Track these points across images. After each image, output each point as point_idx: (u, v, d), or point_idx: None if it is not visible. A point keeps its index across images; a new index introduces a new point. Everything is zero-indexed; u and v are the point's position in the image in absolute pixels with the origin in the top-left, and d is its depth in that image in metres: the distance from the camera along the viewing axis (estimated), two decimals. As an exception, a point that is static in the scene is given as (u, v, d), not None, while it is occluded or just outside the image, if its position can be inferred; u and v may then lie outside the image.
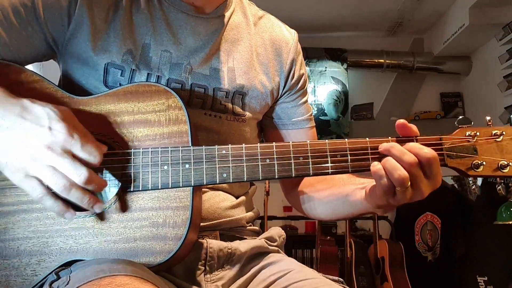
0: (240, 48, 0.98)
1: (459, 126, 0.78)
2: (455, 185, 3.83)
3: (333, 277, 0.88)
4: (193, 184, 0.77)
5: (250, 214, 0.99)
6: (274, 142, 0.79)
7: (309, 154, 0.77)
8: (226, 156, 0.77)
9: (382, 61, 4.57)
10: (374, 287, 3.09)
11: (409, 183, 0.71)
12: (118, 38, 0.87)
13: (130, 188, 0.77)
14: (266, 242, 0.95)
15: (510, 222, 2.43)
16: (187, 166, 0.77)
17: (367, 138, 0.78)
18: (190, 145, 0.78)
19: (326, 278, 0.87)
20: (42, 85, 0.82)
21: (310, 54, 4.57)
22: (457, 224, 3.25)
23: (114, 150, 0.79)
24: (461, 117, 0.79)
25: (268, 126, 1.07)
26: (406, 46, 4.74)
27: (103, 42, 0.87)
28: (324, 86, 4.68)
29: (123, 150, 0.79)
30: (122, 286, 0.63)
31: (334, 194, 0.91)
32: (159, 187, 0.77)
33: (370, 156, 0.77)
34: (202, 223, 0.86)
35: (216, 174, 0.77)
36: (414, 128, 0.77)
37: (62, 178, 0.69)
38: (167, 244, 0.75)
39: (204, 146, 0.78)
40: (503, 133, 0.76)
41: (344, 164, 0.77)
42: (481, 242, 2.87)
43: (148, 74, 0.88)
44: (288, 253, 0.99)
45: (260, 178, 0.77)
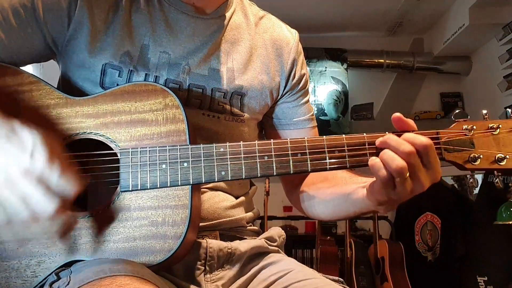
0: (240, 48, 0.97)
1: (456, 120, 0.78)
2: (455, 185, 3.83)
3: (333, 277, 0.88)
4: (191, 182, 0.77)
5: (250, 214, 0.99)
6: (271, 140, 0.79)
7: (307, 151, 0.77)
8: (224, 154, 0.77)
9: (382, 61, 4.57)
10: (374, 287, 3.09)
11: (407, 174, 0.70)
12: (117, 39, 0.87)
13: (128, 187, 0.77)
14: (266, 242, 0.95)
15: (510, 222, 2.43)
16: (186, 164, 0.77)
17: (365, 134, 0.78)
18: (188, 143, 0.78)
19: (326, 278, 0.87)
20: (39, 86, 0.82)
21: (310, 54, 4.56)
22: (457, 224, 3.24)
23: (112, 150, 0.79)
24: (457, 111, 0.80)
25: (269, 126, 1.07)
26: (406, 46, 4.74)
27: (102, 43, 0.86)
28: (324, 86, 4.68)
29: (121, 149, 0.79)
30: (122, 287, 0.63)
31: (336, 193, 0.91)
32: (158, 186, 0.77)
33: (368, 151, 0.77)
34: (202, 223, 0.86)
35: (214, 172, 0.77)
36: (411, 122, 0.77)
37: (26, 211, 0.66)
38: (167, 242, 0.75)
39: (202, 144, 0.78)
40: (500, 126, 0.77)
41: (342, 159, 0.77)
42: (481, 242, 2.87)
43: (146, 74, 0.88)
44: (288, 253, 0.99)
45: (258, 175, 0.77)
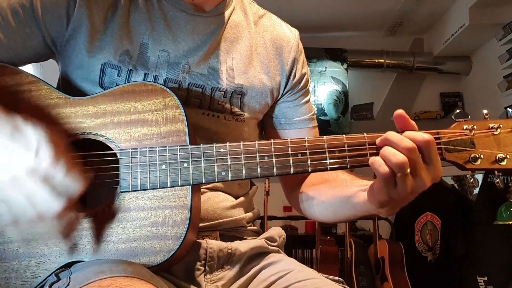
0: (239, 47, 0.97)
1: (456, 120, 0.78)
2: (455, 185, 3.83)
3: (333, 277, 0.88)
4: (191, 182, 0.76)
5: (250, 214, 0.99)
6: (272, 140, 0.78)
7: (307, 151, 0.77)
8: (224, 154, 0.77)
9: (382, 61, 4.57)
10: (374, 287, 3.09)
11: (408, 169, 0.70)
12: (115, 38, 0.87)
13: (128, 188, 0.77)
14: (266, 242, 0.95)
15: (510, 222, 2.43)
16: (186, 165, 0.77)
17: (365, 134, 0.77)
18: (188, 144, 0.78)
19: (326, 278, 0.87)
20: (38, 86, 0.82)
21: (310, 54, 4.56)
22: (457, 224, 3.24)
23: (112, 150, 0.79)
24: (458, 111, 0.79)
25: (269, 126, 1.06)
26: (406, 46, 4.74)
27: (101, 43, 0.86)
28: (324, 86, 4.68)
29: (121, 150, 0.79)
30: (122, 287, 0.63)
31: (336, 196, 0.90)
32: (158, 187, 0.77)
33: (369, 151, 0.76)
34: (202, 224, 0.86)
35: (214, 172, 0.77)
36: (412, 122, 0.76)
37: (32, 209, 0.67)
38: (167, 243, 0.75)
39: (202, 145, 0.78)
40: (500, 126, 0.76)
41: (342, 160, 0.76)
42: (481, 242, 2.87)
43: (145, 74, 0.88)
44: (288, 253, 0.99)
45: (259, 175, 0.77)
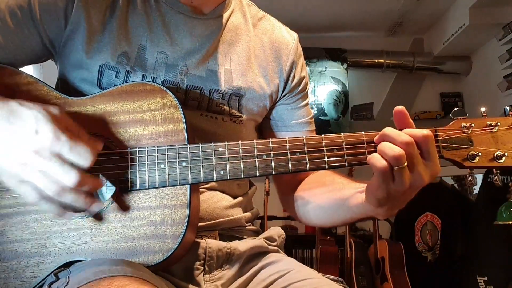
0: (238, 49, 0.97)
1: (454, 118, 0.78)
2: (455, 185, 3.83)
3: (332, 276, 0.88)
4: (190, 182, 0.77)
5: (249, 214, 0.99)
6: (270, 139, 0.78)
7: (305, 149, 0.77)
8: (223, 153, 0.77)
9: (382, 61, 4.57)
10: (374, 287, 3.09)
11: (405, 163, 0.69)
12: (113, 40, 0.87)
13: (127, 187, 0.77)
14: (266, 242, 0.95)
15: (510, 222, 2.43)
16: (184, 164, 0.77)
17: (363, 132, 0.77)
18: (186, 143, 0.78)
19: (326, 278, 0.87)
20: (36, 87, 0.82)
21: (310, 54, 4.56)
22: (457, 224, 3.24)
23: (111, 149, 0.79)
24: (456, 108, 0.79)
25: (267, 128, 1.06)
26: (406, 46, 4.74)
27: (99, 44, 0.86)
28: (324, 86, 4.68)
29: (119, 149, 0.79)
30: (121, 287, 0.63)
31: (333, 198, 0.89)
32: (157, 186, 0.77)
33: (367, 149, 0.76)
34: (201, 223, 0.86)
35: (213, 171, 0.77)
36: (411, 120, 0.76)
37: (53, 183, 0.68)
38: (166, 242, 0.75)
39: (200, 144, 0.78)
40: (498, 123, 0.76)
41: (340, 158, 0.77)
42: (481, 242, 2.86)
43: (143, 75, 0.88)
44: (288, 253, 0.99)
45: (257, 174, 0.77)
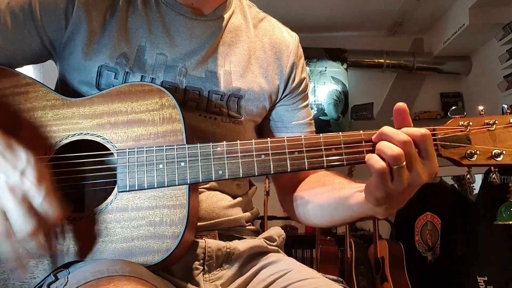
0: (238, 51, 0.97)
1: (452, 116, 0.78)
2: (455, 185, 3.83)
3: (332, 276, 0.88)
4: (189, 182, 0.77)
5: (249, 214, 0.99)
6: (268, 138, 0.78)
7: (303, 149, 0.77)
8: (221, 153, 0.77)
9: (382, 61, 4.57)
10: (374, 287, 3.09)
11: (404, 162, 0.70)
12: (113, 41, 0.87)
13: (126, 188, 0.77)
14: (266, 242, 0.95)
15: (510, 222, 2.43)
16: (183, 164, 0.77)
17: (361, 131, 0.77)
18: (185, 143, 0.78)
19: (326, 278, 0.87)
20: (34, 88, 0.83)
21: (310, 54, 4.55)
22: (457, 224, 3.24)
23: (109, 150, 0.79)
24: (454, 107, 0.80)
25: (266, 129, 1.06)
26: (406, 46, 4.73)
27: (98, 45, 0.86)
28: (324, 86, 4.67)
29: (118, 150, 0.79)
30: (120, 287, 0.63)
31: (332, 197, 0.89)
32: (155, 186, 0.77)
33: (365, 148, 0.76)
34: (200, 223, 0.86)
35: (211, 171, 0.77)
36: (410, 120, 0.76)
37: (2, 225, 0.67)
38: (165, 242, 0.75)
39: (199, 144, 0.78)
40: (496, 122, 0.76)
41: (339, 157, 0.77)
42: (481, 242, 2.86)
43: (142, 76, 0.88)
44: (288, 253, 0.99)
45: (256, 174, 0.77)
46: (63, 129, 0.80)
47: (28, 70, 0.87)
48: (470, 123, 0.77)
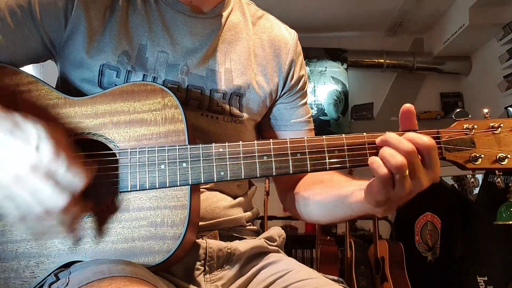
0: (237, 48, 0.97)
1: (457, 119, 0.77)
2: (455, 185, 3.83)
3: (333, 277, 0.88)
4: (190, 182, 0.76)
5: (249, 213, 0.99)
6: (271, 139, 0.78)
7: (306, 150, 0.76)
8: (223, 154, 0.77)
9: (382, 61, 4.57)
10: (374, 287, 3.09)
11: (407, 171, 0.69)
12: (114, 39, 0.87)
13: (127, 188, 0.77)
14: (266, 242, 0.95)
15: (510, 222, 2.43)
16: (184, 164, 0.77)
17: (364, 133, 0.76)
18: (187, 143, 0.78)
19: (326, 278, 0.87)
20: (37, 86, 0.82)
21: (310, 54, 4.56)
22: (457, 224, 3.24)
23: (111, 150, 0.79)
24: (458, 110, 0.78)
25: (266, 127, 1.06)
26: (406, 46, 4.74)
27: (99, 44, 0.86)
28: (324, 86, 4.68)
29: (120, 150, 0.79)
30: (121, 288, 0.63)
31: (332, 196, 0.89)
32: (157, 187, 0.77)
33: (368, 151, 0.75)
34: (201, 223, 0.86)
35: (213, 172, 0.76)
36: (415, 121, 0.76)
37: (40, 205, 0.67)
38: (166, 243, 0.75)
39: (201, 145, 0.78)
40: (501, 125, 0.76)
41: (342, 159, 0.76)
42: (481, 242, 2.86)
43: (144, 75, 0.88)
44: (288, 253, 0.99)
45: (258, 175, 0.77)
46: (65, 128, 0.80)
47: (28, 70, 0.87)
48: (475, 126, 0.76)
